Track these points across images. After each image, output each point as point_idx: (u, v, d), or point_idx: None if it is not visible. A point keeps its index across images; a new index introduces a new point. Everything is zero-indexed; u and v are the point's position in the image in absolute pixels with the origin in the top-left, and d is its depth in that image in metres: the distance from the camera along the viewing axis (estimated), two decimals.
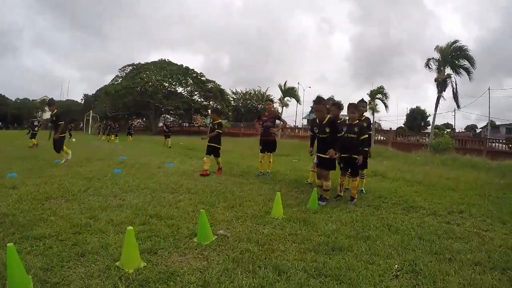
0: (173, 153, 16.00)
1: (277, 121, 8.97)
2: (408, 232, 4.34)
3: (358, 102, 6.80)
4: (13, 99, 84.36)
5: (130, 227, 2.99)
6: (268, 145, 8.66)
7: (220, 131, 8.86)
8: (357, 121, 6.22)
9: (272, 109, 9.25)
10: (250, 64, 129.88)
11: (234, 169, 9.78)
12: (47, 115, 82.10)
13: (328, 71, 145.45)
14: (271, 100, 9.86)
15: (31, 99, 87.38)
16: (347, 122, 6.29)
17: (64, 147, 10.38)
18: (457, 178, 10.43)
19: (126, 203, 5.15)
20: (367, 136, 6.19)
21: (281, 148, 9.10)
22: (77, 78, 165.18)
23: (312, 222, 4.50)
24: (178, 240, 3.66)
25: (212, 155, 8.75)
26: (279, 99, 44.77)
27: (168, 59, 57.33)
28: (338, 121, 6.30)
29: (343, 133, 6.10)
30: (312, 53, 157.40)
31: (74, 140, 24.61)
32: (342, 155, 6.13)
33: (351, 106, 6.18)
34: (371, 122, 7.03)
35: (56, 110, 10.47)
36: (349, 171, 6.36)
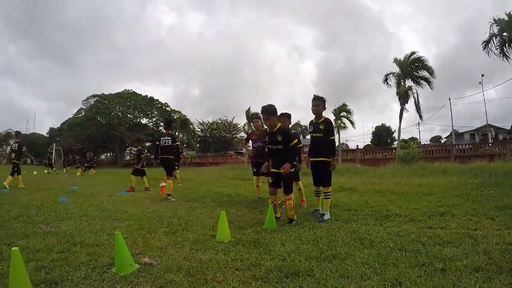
0: (129, 183, 14.86)
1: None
2: (385, 243, 3.47)
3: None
4: None
5: (15, 248, 2.50)
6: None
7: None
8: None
9: (261, 128, 8.14)
10: (221, 93, 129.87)
11: (190, 195, 8.88)
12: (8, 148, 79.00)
13: (297, 96, 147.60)
14: (258, 117, 8.55)
15: None
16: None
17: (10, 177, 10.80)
18: (429, 184, 10.02)
19: (55, 231, 4.49)
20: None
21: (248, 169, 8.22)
22: (44, 110, 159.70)
23: (265, 244, 3.55)
24: (92, 270, 2.99)
25: None
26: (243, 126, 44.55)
27: (131, 90, 56.61)
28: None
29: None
30: (281, 80, 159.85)
31: (35, 172, 24.72)
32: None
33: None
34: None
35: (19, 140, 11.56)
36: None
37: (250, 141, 7.81)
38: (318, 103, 5.42)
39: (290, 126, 6.73)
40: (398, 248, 3.29)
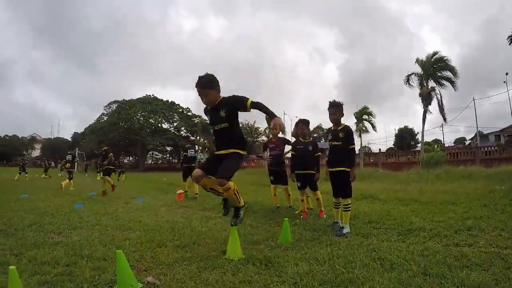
0: (149, 188, 15.05)
1: (287, 147, 7.63)
2: (407, 266, 3.19)
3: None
4: (2, 135, 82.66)
5: (12, 267, 2.53)
6: (280, 176, 7.39)
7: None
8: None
9: (280, 135, 7.99)
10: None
11: (206, 202, 8.69)
12: (36, 152, 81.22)
13: (318, 99, 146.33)
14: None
15: (20, 136, 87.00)
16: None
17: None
18: (454, 190, 9.65)
19: (65, 241, 4.41)
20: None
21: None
22: (68, 114, 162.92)
23: (277, 263, 3.32)
24: None
25: None
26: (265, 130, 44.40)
27: (153, 95, 57.48)
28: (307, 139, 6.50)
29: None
30: (302, 82, 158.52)
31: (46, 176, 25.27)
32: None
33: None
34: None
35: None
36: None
37: (268, 149, 7.61)
38: (334, 110, 5.13)
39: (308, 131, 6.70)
40: (421, 272, 3.01)
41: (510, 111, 40.40)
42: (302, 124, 6.42)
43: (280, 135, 7.97)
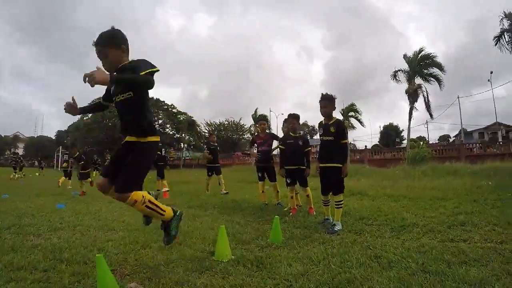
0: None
1: (275, 143, 7.47)
2: (405, 263, 3.05)
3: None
4: None
5: None
6: (268, 172, 7.29)
7: None
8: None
9: (267, 130, 7.80)
10: (230, 95, 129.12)
11: (193, 200, 8.47)
12: (20, 151, 79.24)
13: (306, 96, 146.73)
14: (265, 119, 8.34)
15: (2, 135, 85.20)
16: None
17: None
18: (442, 186, 9.68)
19: (44, 244, 4.12)
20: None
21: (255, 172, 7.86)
22: (53, 113, 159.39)
23: (269, 264, 3.14)
24: None
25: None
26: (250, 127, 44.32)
27: None
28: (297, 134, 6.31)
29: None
30: (290, 80, 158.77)
31: (37, 174, 24.34)
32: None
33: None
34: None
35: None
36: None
37: (256, 145, 7.43)
38: (326, 103, 4.94)
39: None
40: (420, 270, 2.87)
41: (494, 109, 41.18)
42: (293, 118, 6.26)
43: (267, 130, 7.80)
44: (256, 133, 8.06)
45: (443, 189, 9.07)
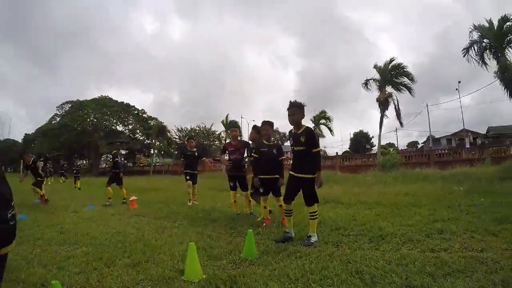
0: (102, 195, 13.90)
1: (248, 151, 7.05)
2: (389, 278, 2.86)
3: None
4: None
5: None
6: (240, 181, 6.92)
7: None
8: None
9: (239, 137, 7.43)
10: (202, 101, 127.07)
11: (162, 210, 8.08)
12: None
13: (279, 103, 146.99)
14: (237, 126, 8.03)
15: None
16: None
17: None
18: (415, 192, 9.71)
19: None
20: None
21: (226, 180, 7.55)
22: (22, 116, 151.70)
23: (244, 284, 2.87)
24: None
25: None
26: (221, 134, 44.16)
27: (107, 96, 55.30)
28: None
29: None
30: (262, 87, 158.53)
31: None
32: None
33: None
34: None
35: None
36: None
37: (227, 152, 7.14)
38: (294, 111, 4.71)
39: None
40: (405, 285, 2.71)
41: (462, 117, 42.54)
42: (266, 125, 5.99)
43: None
44: (228, 141, 7.77)
45: (416, 194, 9.08)
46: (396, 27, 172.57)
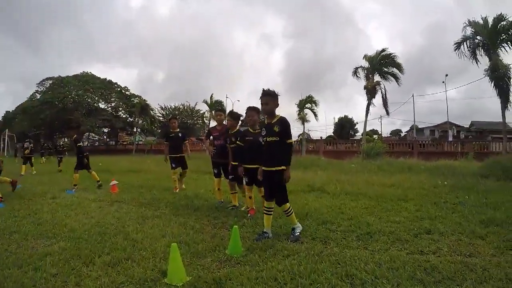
0: (82, 176, 13.46)
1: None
2: (380, 285, 2.77)
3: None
4: None
5: None
6: (225, 168, 6.50)
7: None
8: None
9: (225, 122, 6.92)
10: (187, 79, 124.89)
11: (143, 196, 7.85)
12: None
13: (264, 85, 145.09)
14: (222, 110, 7.53)
15: None
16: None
17: None
18: (400, 183, 9.68)
19: None
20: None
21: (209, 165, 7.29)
22: (2, 93, 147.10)
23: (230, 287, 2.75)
24: None
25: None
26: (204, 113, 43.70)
27: (90, 72, 54.19)
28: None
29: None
30: (248, 68, 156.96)
31: None
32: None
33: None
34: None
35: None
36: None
37: (212, 138, 6.89)
38: (267, 99, 4.40)
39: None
40: None
41: (447, 109, 42.97)
42: (252, 111, 5.53)
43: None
44: (212, 126, 7.37)
45: (401, 186, 9.06)
46: (386, 15, 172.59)
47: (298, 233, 4.30)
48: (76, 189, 8.87)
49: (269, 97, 4.40)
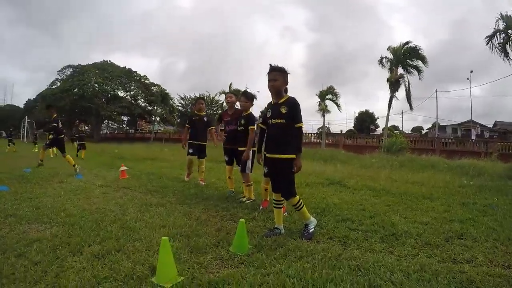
0: (96, 162, 13.37)
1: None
2: None
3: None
4: None
5: None
6: (237, 156, 5.96)
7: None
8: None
9: (236, 105, 6.35)
10: (208, 70, 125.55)
11: (152, 183, 7.51)
12: None
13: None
14: (233, 93, 7.01)
15: None
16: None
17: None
18: (424, 181, 9.21)
19: None
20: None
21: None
22: (24, 81, 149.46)
23: None
24: None
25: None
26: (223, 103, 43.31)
27: (110, 61, 54.84)
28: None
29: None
30: (269, 60, 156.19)
31: (6, 150, 21.17)
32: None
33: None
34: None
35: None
36: None
37: (223, 123, 6.45)
38: (275, 75, 3.84)
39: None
40: None
41: (471, 107, 41.61)
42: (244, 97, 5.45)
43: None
44: (224, 110, 6.83)
45: (426, 184, 8.58)
46: (410, 8, 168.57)
47: (313, 229, 3.83)
48: (79, 169, 8.70)
49: (278, 73, 3.85)
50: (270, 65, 3.89)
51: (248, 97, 5.64)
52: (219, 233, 3.74)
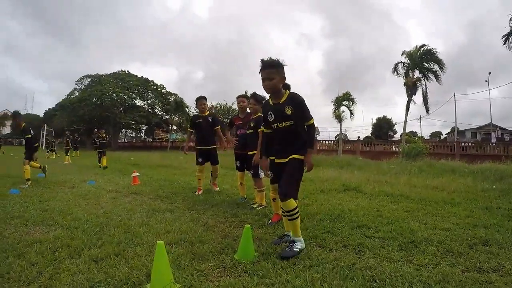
0: (110, 169, 13.49)
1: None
2: None
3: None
4: None
5: None
6: (248, 161, 5.60)
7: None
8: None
9: (248, 109, 5.90)
10: (225, 78, 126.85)
11: (162, 189, 7.38)
12: (7, 129, 77.13)
13: (301, 84, 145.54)
14: (245, 96, 6.62)
15: None
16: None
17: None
18: (444, 186, 8.74)
19: None
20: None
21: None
22: (44, 90, 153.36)
23: None
24: None
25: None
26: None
27: (127, 71, 55.81)
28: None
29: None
30: (287, 68, 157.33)
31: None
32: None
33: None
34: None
35: (24, 124, 8.57)
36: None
37: (234, 127, 6.25)
38: (270, 72, 3.31)
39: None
40: None
41: (490, 110, 40.66)
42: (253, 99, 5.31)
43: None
44: (235, 114, 6.59)
45: (446, 189, 8.21)
46: (425, 12, 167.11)
47: (298, 249, 3.21)
48: (29, 185, 7.71)
49: (272, 69, 3.31)
50: (262, 60, 3.36)
51: (258, 100, 5.39)
52: (225, 240, 3.55)
